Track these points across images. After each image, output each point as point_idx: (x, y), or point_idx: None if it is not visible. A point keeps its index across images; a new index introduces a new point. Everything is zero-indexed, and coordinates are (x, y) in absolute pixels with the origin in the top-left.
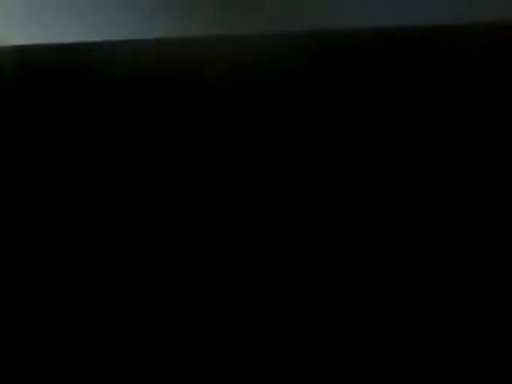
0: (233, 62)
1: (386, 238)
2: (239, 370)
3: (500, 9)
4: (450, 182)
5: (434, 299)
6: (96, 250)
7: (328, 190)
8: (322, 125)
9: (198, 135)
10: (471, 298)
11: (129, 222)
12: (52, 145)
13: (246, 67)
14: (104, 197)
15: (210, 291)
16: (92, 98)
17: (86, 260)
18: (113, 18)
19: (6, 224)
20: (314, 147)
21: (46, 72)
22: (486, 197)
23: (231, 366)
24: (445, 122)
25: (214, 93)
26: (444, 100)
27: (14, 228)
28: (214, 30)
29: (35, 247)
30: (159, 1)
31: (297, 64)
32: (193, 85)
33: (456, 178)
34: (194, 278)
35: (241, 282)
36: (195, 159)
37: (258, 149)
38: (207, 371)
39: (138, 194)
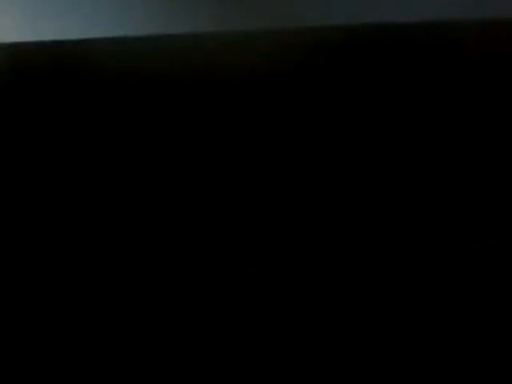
0: (232, 59)
1: (385, 236)
2: (239, 370)
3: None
4: (448, 178)
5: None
6: (92, 248)
7: (326, 189)
8: (322, 120)
9: (198, 132)
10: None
11: (128, 221)
12: (46, 142)
13: (246, 64)
14: (101, 195)
15: (209, 291)
16: (88, 94)
17: (83, 259)
18: (109, 15)
19: (4, 224)
20: (313, 143)
21: (41, 69)
22: (485, 194)
23: (231, 366)
24: (441, 119)
25: (213, 90)
26: (440, 97)
27: (11, 228)
28: (214, 27)
29: (28, 250)
30: None
31: (297, 60)
32: (192, 82)
33: (453, 174)
34: (194, 278)
35: (240, 281)
36: (195, 157)
37: (260, 145)
38: (207, 371)
39: (137, 193)
